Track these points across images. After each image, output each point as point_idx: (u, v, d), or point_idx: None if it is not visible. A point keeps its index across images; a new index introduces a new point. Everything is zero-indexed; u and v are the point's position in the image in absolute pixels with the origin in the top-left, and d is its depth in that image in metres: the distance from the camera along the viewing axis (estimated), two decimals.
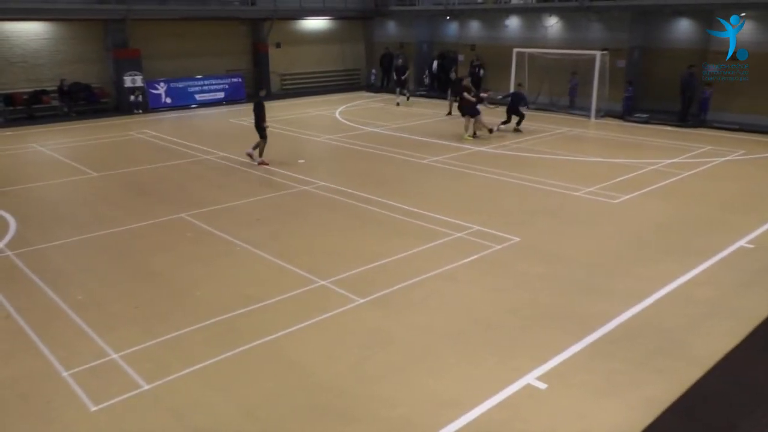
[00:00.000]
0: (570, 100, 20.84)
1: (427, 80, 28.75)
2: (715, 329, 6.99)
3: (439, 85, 28.06)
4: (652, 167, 14.20)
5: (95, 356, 6.52)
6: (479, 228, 10.21)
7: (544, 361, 6.31)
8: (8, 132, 19.79)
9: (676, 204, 11.48)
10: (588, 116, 20.95)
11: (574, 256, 9.10)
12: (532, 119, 21.24)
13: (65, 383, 6.06)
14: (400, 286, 8.11)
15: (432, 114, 22.81)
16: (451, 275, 8.48)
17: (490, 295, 7.93)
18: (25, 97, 21.93)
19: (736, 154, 15.63)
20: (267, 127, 14.43)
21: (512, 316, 7.35)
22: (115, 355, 6.52)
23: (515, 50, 22.92)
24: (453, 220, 10.60)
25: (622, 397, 5.75)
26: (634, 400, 5.71)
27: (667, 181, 13.04)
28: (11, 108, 21.46)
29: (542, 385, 5.92)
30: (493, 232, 10.03)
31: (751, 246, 9.28)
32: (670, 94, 20.43)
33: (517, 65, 22.81)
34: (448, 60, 27.72)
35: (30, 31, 22.31)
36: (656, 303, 7.62)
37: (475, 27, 26.68)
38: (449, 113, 21.86)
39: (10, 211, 11.43)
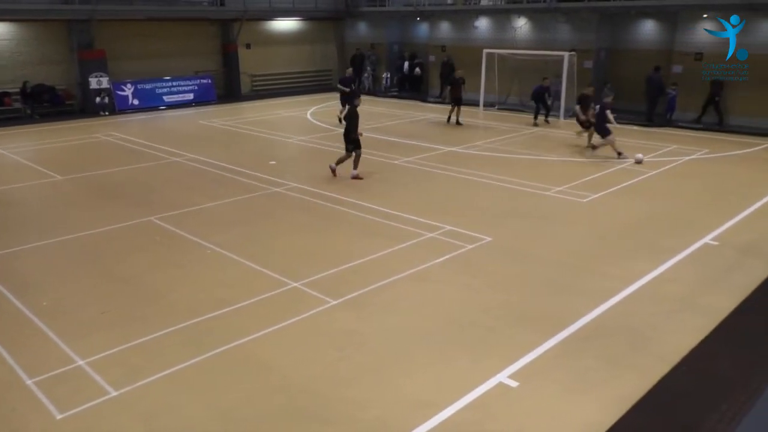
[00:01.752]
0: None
1: (386, 82, 28.80)
2: (682, 325, 7.14)
3: (410, 86, 28.19)
4: (620, 166, 14.44)
5: (61, 363, 6.37)
6: (451, 228, 10.26)
7: (516, 359, 6.36)
8: None
9: (643, 202, 11.70)
10: (557, 116, 21.22)
11: (545, 256, 9.20)
12: (503, 119, 21.46)
13: (30, 391, 5.91)
14: (373, 287, 8.10)
15: (403, 115, 22.86)
16: (424, 276, 8.50)
17: (463, 295, 7.97)
18: None
19: (701, 153, 16.00)
20: (361, 136, 13.44)
21: (484, 315, 7.40)
22: (81, 362, 6.38)
23: (485, 51, 23.13)
24: (425, 221, 10.63)
25: (593, 394, 5.83)
26: (604, 396, 5.79)
27: (634, 180, 13.27)
28: None
29: (514, 384, 5.96)
30: (465, 232, 10.09)
31: (716, 243, 9.50)
32: (637, 94, 20.83)
33: (487, 66, 23.02)
34: (419, 61, 27.88)
35: None
36: (625, 300, 7.75)
37: (445, 28, 26.83)
38: (456, 121, 20.49)
39: None
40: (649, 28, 21.90)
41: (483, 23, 25.33)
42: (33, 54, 22.59)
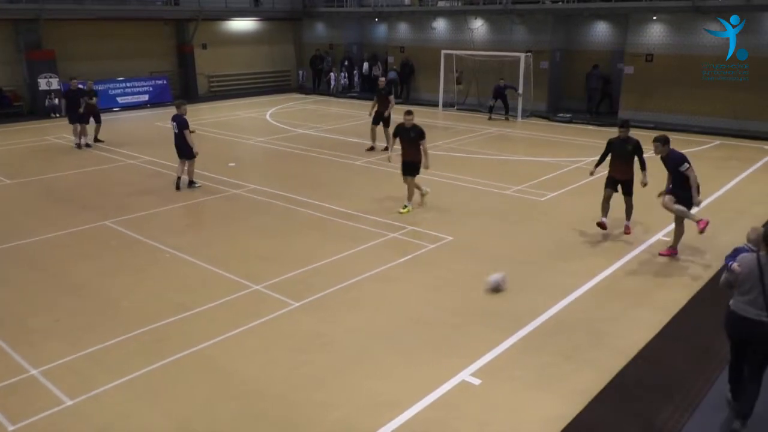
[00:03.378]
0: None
1: (344, 81, 28.80)
2: (637, 320, 7.32)
3: (370, 87, 28.20)
4: (575, 165, 14.74)
5: (12, 373, 6.15)
6: (413, 228, 10.30)
7: (478, 357, 6.42)
8: None
9: (598, 200, 11.96)
10: (515, 116, 21.56)
11: (505, 254, 9.31)
12: (462, 119, 21.68)
13: None
14: (335, 288, 8.07)
15: (362, 115, 22.83)
16: (386, 276, 8.51)
17: (425, 294, 8.01)
18: None
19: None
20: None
21: (447, 314, 7.45)
22: (34, 371, 6.17)
23: (443, 52, 23.33)
24: (386, 221, 10.65)
25: (553, 389, 5.93)
26: (564, 391, 5.89)
27: (589, 179, 13.54)
28: None
29: (476, 381, 6.02)
30: (427, 231, 10.14)
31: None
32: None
33: (446, 67, 23.23)
34: (380, 61, 27.93)
35: None
36: (584, 296, 7.91)
37: (403, 29, 26.95)
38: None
39: None
40: (602, 30, 22.45)
41: (440, 24, 25.54)
42: None
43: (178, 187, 12.67)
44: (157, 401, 5.76)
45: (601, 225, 9.89)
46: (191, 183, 12.88)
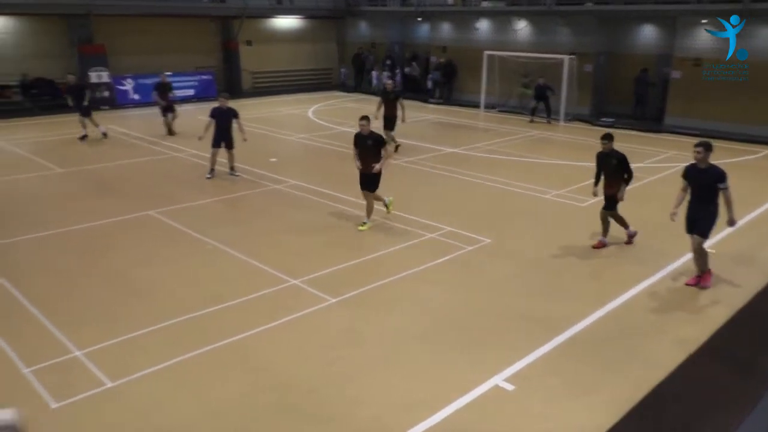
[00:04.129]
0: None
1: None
2: (677, 332, 7.14)
3: (412, 86, 28.18)
4: None
5: (57, 353, 6.37)
6: (451, 229, 10.27)
7: (512, 362, 6.36)
8: None
9: (642, 208, 11.70)
10: (557, 120, 21.27)
11: (543, 259, 9.21)
12: (503, 122, 21.50)
13: (25, 379, 5.91)
14: (371, 286, 8.10)
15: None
16: (423, 276, 8.50)
17: (461, 296, 7.97)
18: None
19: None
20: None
21: (482, 317, 7.41)
22: (78, 353, 6.37)
23: (486, 53, 23.17)
24: (425, 221, 10.64)
25: (588, 399, 5.83)
26: (599, 402, 5.79)
27: (631, 186, 13.26)
28: None
29: (509, 387, 5.96)
30: (465, 233, 10.10)
31: (713, 251, 9.51)
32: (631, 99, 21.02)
33: (488, 68, 23.07)
34: (419, 61, 27.91)
35: None
36: (622, 305, 7.75)
37: (446, 29, 26.85)
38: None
39: None
40: (648, 33, 21.96)
41: (484, 25, 25.37)
42: (33, 48, 22.56)
43: (212, 175, 13.24)
44: (192, 389, 5.88)
45: (598, 245, 9.60)
46: (233, 170, 13.42)
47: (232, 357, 6.43)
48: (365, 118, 10.18)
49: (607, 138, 9.44)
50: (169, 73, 24.67)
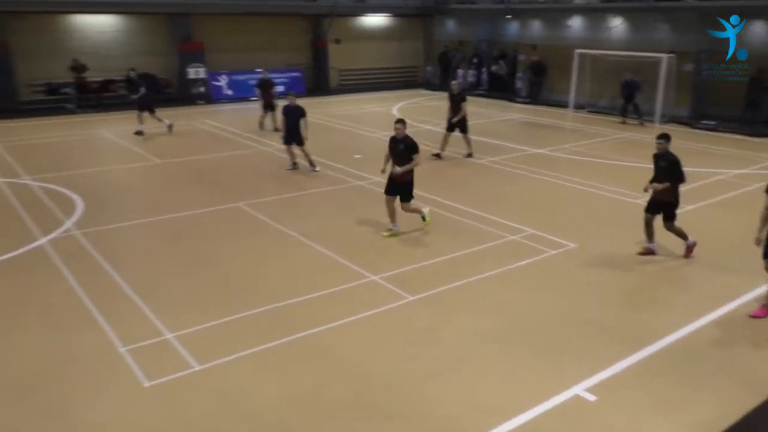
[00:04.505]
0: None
1: (472, 78, 28.43)
2: None
3: (499, 85, 27.76)
4: (718, 177, 13.64)
5: (151, 335, 6.75)
6: (534, 232, 10.04)
7: (595, 372, 6.14)
8: (79, 118, 20.70)
9: (742, 217, 10.96)
10: (652, 121, 20.30)
11: (631, 267, 8.83)
12: (592, 122, 20.78)
13: (122, 358, 6.30)
14: (450, 286, 8.06)
15: (488, 114, 22.58)
16: (503, 278, 8.37)
17: (542, 301, 7.79)
18: (95, 86, 22.86)
19: None
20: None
21: (564, 324, 7.20)
22: (169, 335, 6.73)
23: (577, 51, 22.45)
24: (507, 222, 10.46)
25: (673, 417, 5.54)
26: (685, 420, 5.49)
27: (733, 193, 12.50)
28: (83, 96, 22.41)
29: (591, 397, 5.77)
30: (548, 236, 9.84)
31: None
32: (739, 101, 19.60)
33: (579, 66, 22.34)
34: (508, 59, 27.43)
35: (103, 23, 23.27)
36: (717, 321, 7.30)
37: (536, 27, 26.23)
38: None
39: (79, 193, 11.96)
40: (758, 30, 20.50)
41: (575, 22, 24.58)
42: (138, 45, 24.01)
43: (294, 167, 13.79)
44: (274, 376, 6.08)
45: (644, 252, 9.06)
46: (312, 164, 13.77)
47: (313, 348, 6.59)
48: (401, 121, 9.62)
49: (662, 138, 8.88)
50: (259, 70, 25.63)
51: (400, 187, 9.64)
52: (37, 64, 22.02)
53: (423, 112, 22.87)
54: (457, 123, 15.05)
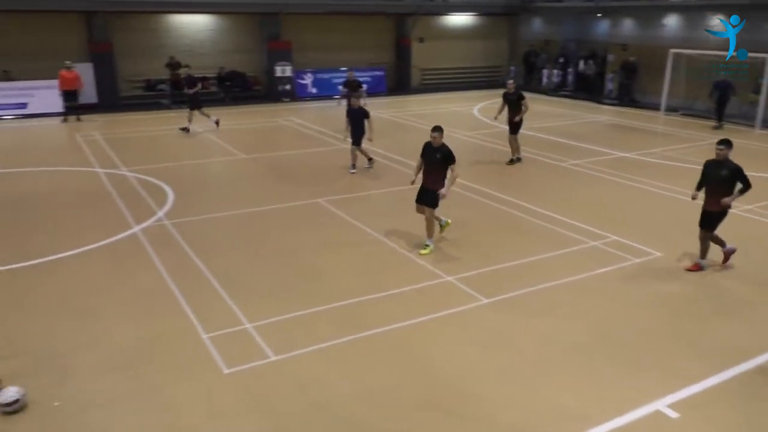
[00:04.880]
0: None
1: (557, 79, 27.62)
2: None
3: (585, 86, 26.90)
4: None
5: (231, 323, 7.02)
6: (617, 238, 9.68)
7: (678, 388, 5.86)
8: (173, 114, 21.77)
9: None
10: (752, 126, 19.06)
11: (720, 280, 8.35)
12: (685, 126, 19.76)
13: (204, 344, 6.59)
14: (527, 290, 7.91)
15: (574, 115, 21.94)
16: (583, 285, 8.12)
17: (623, 310, 7.50)
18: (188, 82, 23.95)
19: None
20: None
21: (645, 335, 6.90)
22: (248, 325, 6.98)
23: (672, 51, 21.38)
24: (589, 228, 10.14)
25: None
26: None
27: None
28: (176, 92, 23.53)
29: (673, 414, 5.50)
30: (632, 243, 9.46)
31: None
32: None
33: (673, 67, 21.29)
34: (597, 59, 26.51)
35: (197, 23, 24.37)
36: None
37: (627, 25, 25.20)
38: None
39: (170, 184, 12.60)
40: None
41: (671, 21, 23.42)
42: (230, 43, 24.97)
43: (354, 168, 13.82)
44: (347, 370, 6.18)
45: (692, 268, 8.48)
46: (370, 161, 13.93)
47: (386, 346, 6.65)
48: (438, 129, 9.10)
49: (723, 144, 8.29)
50: (343, 69, 26.08)
51: (431, 196, 9.04)
52: (137, 61, 23.35)
53: (505, 112, 22.47)
54: (513, 123, 14.51)
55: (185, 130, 18.22)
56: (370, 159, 13.96)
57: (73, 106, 19.94)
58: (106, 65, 22.45)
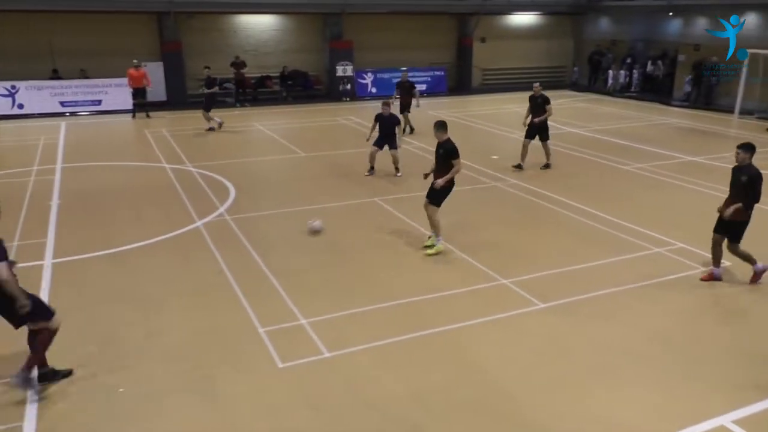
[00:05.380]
0: None
1: (624, 80, 26.73)
2: None
3: (652, 87, 26.02)
4: None
5: (287, 319, 7.15)
6: (683, 246, 9.30)
7: (744, 404, 5.58)
8: (237, 112, 22.38)
9: None
10: None
11: None
12: (759, 130, 18.79)
13: (260, 338, 6.73)
14: (585, 296, 7.71)
15: (638, 117, 21.24)
16: (644, 293, 7.85)
17: (687, 320, 7.21)
18: (252, 81, 24.57)
19: None
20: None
21: (711, 347, 6.61)
22: (303, 321, 7.09)
23: (749, 51, 20.37)
24: (653, 234, 9.79)
25: None
26: None
27: None
28: (241, 90, 24.17)
29: (739, 431, 5.25)
30: (700, 252, 9.06)
31: None
32: None
33: (748, 69, 20.31)
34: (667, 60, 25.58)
35: (262, 23, 24.94)
36: None
37: (701, 25, 24.17)
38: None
39: (231, 181, 12.95)
40: None
41: (750, 19, 22.31)
42: (293, 43, 25.45)
43: (372, 173, 13.56)
44: (399, 370, 6.18)
45: (706, 277, 7.99)
46: (397, 170, 13.55)
47: (439, 347, 6.61)
48: (438, 126, 9.13)
49: (742, 147, 7.75)
50: (404, 68, 26.07)
51: (434, 192, 9.10)
52: (204, 60, 24.08)
53: (567, 113, 22.01)
54: (538, 129, 13.85)
55: (211, 129, 18.46)
56: (397, 169, 13.66)
57: (141, 103, 20.77)
58: (175, 64, 23.26)
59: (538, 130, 13.91)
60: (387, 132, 13.44)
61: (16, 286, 5.44)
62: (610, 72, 27.29)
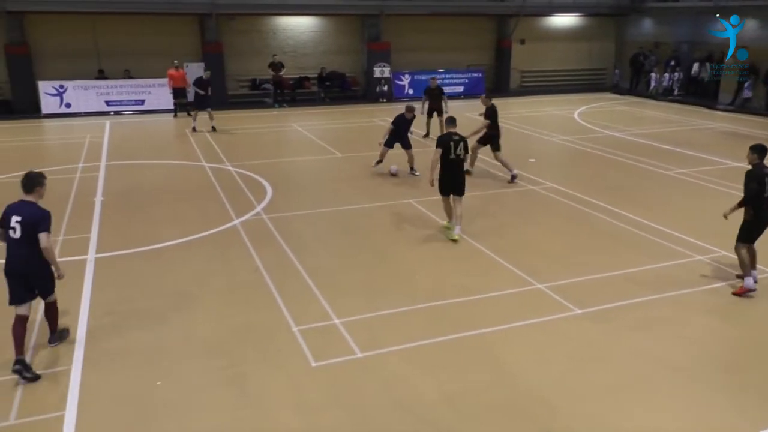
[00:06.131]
0: None
1: (667, 83, 26.09)
2: None
3: (697, 90, 25.34)
4: None
5: (321, 318, 7.20)
6: (725, 254, 9.03)
7: None
8: (275, 112, 22.65)
9: None
10: None
11: None
12: None
13: (294, 337, 6.80)
14: (623, 303, 7.56)
15: (682, 121, 20.72)
16: (686, 301, 7.65)
17: (734, 332, 7.00)
18: (291, 82, 24.83)
19: None
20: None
21: (754, 360, 6.40)
22: (337, 321, 7.13)
23: None
24: (693, 240, 9.54)
25: None
26: None
27: None
28: (279, 91, 24.45)
29: None
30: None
31: None
32: None
33: None
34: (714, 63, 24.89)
35: (301, 24, 25.18)
36: None
37: (750, 26, 23.42)
38: None
39: (269, 180, 13.11)
40: None
41: None
42: (331, 44, 25.61)
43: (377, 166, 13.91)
44: (431, 371, 6.16)
45: (738, 292, 7.66)
46: (412, 170, 13.74)
47: (472, 349, 6.57)
48: (447, 120, 9.96)
49: (753, 150, 7.72)
50: (441, 70, 26.06)
51: (460, 186, 9.84)
52: (243, 61, 24.47)
53: (607, 116, 21.65)
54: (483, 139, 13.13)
55: (213, 129, 18.66)
56: (412, 168, 13.76)
57: (182, 103, 21.19)
58: (216, 65, 23.66)
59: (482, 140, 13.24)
60: (402, 134, 13.68)
61: (54, 256, 6.11)
62: (653, 75, 26.70)
